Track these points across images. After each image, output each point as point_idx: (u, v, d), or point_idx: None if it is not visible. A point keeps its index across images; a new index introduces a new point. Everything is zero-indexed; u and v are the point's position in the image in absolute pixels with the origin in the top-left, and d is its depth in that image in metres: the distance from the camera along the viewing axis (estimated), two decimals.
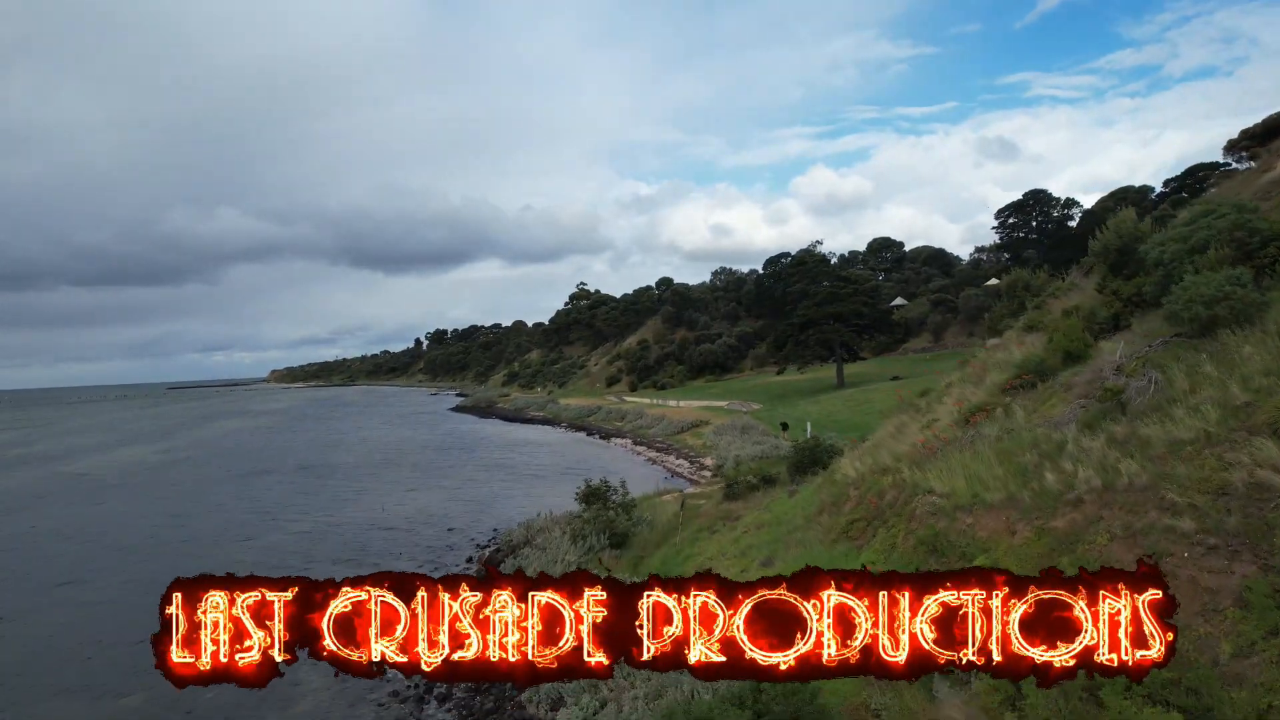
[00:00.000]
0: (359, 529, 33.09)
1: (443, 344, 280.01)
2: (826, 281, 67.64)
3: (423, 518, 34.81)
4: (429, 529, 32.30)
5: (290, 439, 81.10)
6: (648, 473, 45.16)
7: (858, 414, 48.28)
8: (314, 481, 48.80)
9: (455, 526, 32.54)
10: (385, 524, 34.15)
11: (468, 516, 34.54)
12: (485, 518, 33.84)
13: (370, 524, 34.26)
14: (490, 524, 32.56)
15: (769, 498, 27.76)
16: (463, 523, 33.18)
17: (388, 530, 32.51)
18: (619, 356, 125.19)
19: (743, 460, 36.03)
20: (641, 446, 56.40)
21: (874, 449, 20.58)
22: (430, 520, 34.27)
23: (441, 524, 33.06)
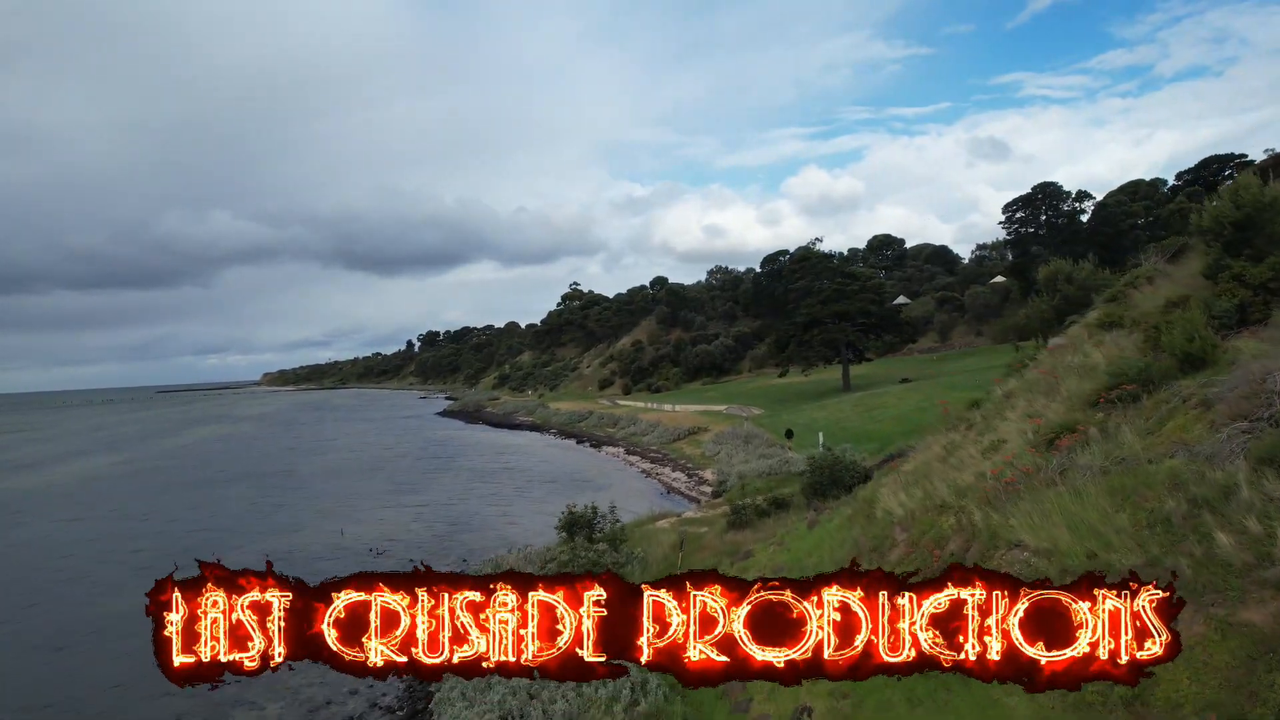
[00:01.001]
0: (309, 558, 28.92)
1: (435, 346, 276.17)
2: (831, 278, 63.55)
3: (384, 544, 30.66)
4: (387, 559, 28.15)
5: (264, 447, 76.77)
6: (641, 487, 41.10)
7: (870, 421, 44.27)
8: (276, 497, 44.61)
9: (418, 556, 28.35)
10: (340, 551, 30.05)
11: (434, 543, 30.40)
12: (454, 545, 29.68)
13: (324, 551, 30.14)
14: (459, 553, 28.43)
15: (782, 526, 23.70)
16: (427, 551, 29.04)
17: (338, 559, 28.39)
18: (612, 358, 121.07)
19: (747, 477, 31.99)
20: (635, 456, 52.30)
21: (921, 476, 16.52)
22: (392, 546, 30.15)
23: (403, 552, 28.92)
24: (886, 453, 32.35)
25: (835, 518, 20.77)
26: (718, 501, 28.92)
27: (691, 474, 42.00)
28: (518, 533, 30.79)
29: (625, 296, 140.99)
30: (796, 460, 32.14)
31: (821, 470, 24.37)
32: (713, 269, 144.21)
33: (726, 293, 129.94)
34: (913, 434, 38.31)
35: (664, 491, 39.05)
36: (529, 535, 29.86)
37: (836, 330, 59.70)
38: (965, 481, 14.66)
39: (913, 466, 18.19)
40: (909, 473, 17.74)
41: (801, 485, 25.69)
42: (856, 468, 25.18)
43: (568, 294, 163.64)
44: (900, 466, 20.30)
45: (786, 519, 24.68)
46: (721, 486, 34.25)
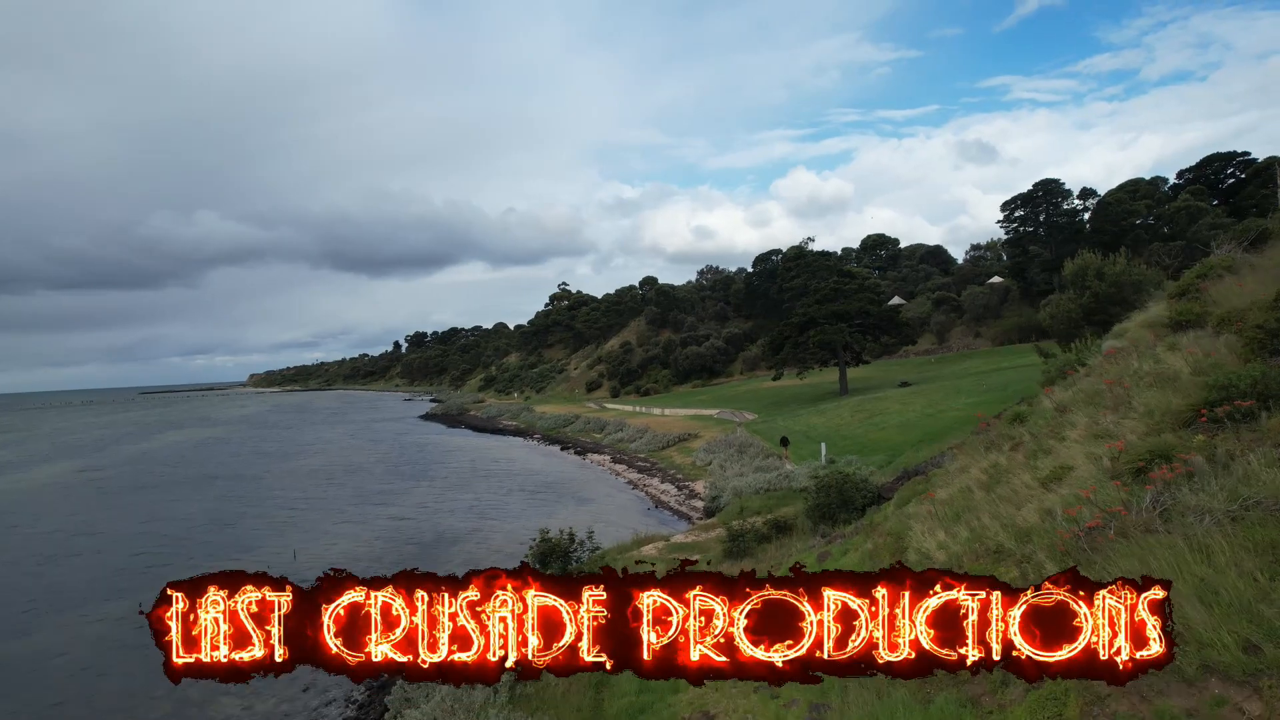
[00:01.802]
0: None
1: (422, 347, 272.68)
2: (828, 277, 60.67)
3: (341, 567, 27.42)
4: None
5: (234, 453, 73.22)
6: (627, 501, 38.07)
7: (872, 428, 41.38)
8: (233, 509, 41.33)
9: None
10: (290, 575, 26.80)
11: (395, 568, 27.17)
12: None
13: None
14: None
15: (786, 554, 20.71)
16: None
17: None
18: (600, 360, 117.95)
19: (743, 494, 28.97)
20: (621, 465, 49.24)
21: (963, 510, 13.51)
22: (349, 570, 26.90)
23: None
24: (898, 466, 29.45)
25: (850, 549, 17.81)
26: (711, 522, 25.89)
27: (681, 486, 38.98)
28: (489, 555, 27.70)
29: (614, 297, 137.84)
30: (797, 474, 29.17)
31: (829, 490, 21.41)
32: (703, 269, 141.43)
33: (717, 293, 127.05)
34: (922, 444, 35.43)
35: (651, 506, 36.02)
36: (501, 558, 26.76)
37: (833, 331, 56.81)
38: (1027, 521, 11.64)
39: (948, 495, 15.19)
40: (945, 503, 14.71)
41: (805, 506, 22.72)
42: (867, 487, 22.26)
43: (555, 294, 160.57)
44: (927, 490, 17.33)
45: (790, 544, 21.71)
46: (714, 503, 31.24)
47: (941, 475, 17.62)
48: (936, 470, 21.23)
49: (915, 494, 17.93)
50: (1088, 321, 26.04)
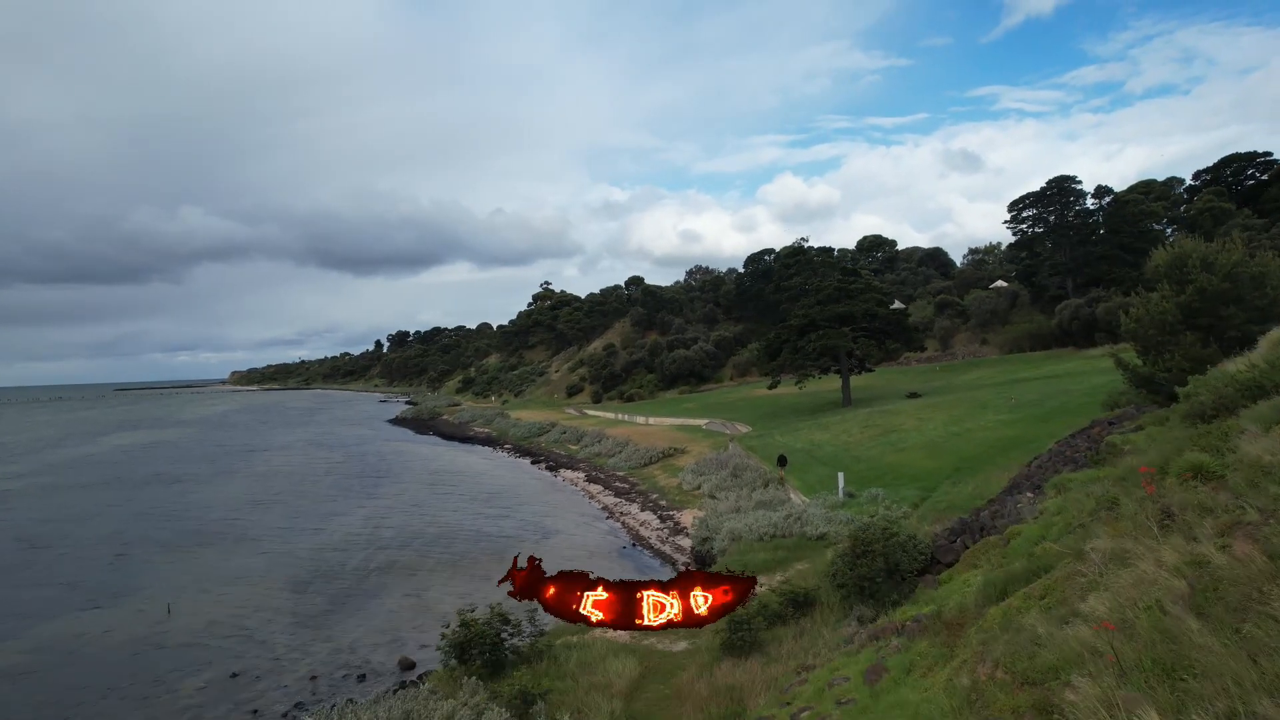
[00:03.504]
0: (89, 663, 19.32)
1: (404, 347, 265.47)
2: (831, 276, 54.63)
3: (212, 639, 21.11)
4: (192, 675, 18.65)
5: (175, 461, 66.28)
6: (599, 535, 31.85)
7: (889, 449, 35.34)
8: (135, 533, 34.90)
9: (243, 670, 18.75)
10: (145, 647, 20.45)
11: (287, 643, 20.76)
12: (300, 659, 19.94)
13: (122, 647, 20.52)
14: (300, 674, 18.82)
15: (813, 653, 14.58)
16: (260, 663, 19.41)
17: (124, 668, 18.82)
18: (582, 363, 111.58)
19: (742, 538, 22.77)
20: (597, 485, 42.95)
21: (1170, 661, 7.40)
22: (217, 645, 20.59)
23: (225, 661, 19.38)
24: (939, 507, 23.30)
25: (915, 661, 11.60)
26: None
27: (665, 516, 32.76)
28: (415, 620, 21.44)
29: (598, 297, 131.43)
30: (811, 515, 23.03)
31: (870, 554, 15.26)
32: (692, 268, 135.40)
33: (707, 294, 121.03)
34: (959, 473, 29.32)
35: (628, 543, 29.78)
36: (420, 630, 20.54)
37: (836, 335, 50.85)
38: None
39: (1109, 607, 9.02)
40: (1109, 619, 8.54)
41: (831, 567, 16.55)
42: (918, 548, 16.14)
43: (538, 294, 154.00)
44: (1029, 566, 11.19)
45: (815, 631, 15.53)
46: (705, 546, 25.06)
47: (1061, 560, 11.48)
48: (1019, 529, 15.20)
49: (1008, 576, 11.77)
50: (1189, 326, 20.28)
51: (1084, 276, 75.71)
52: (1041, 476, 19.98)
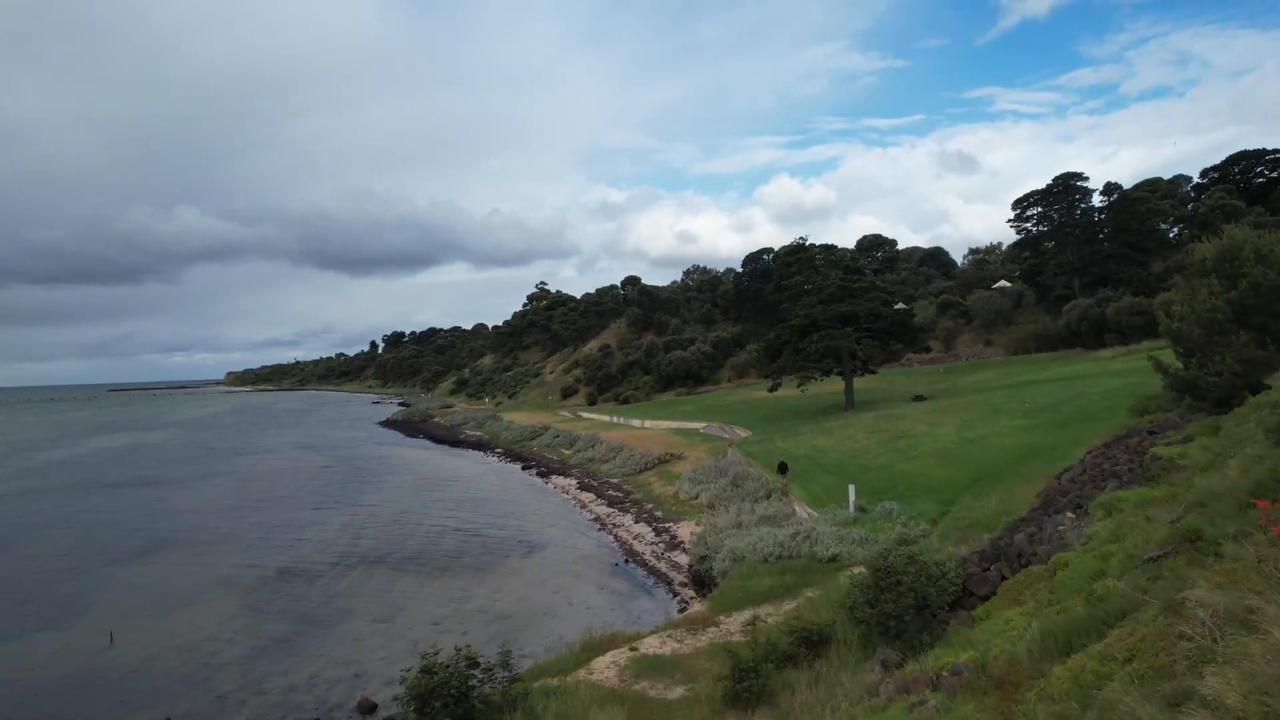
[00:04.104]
0: (12, 705, 17.20)
1: (399, 347, 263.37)
2: (833, 274, 52.56)
3: (153, 674, 18.99)
4: (140, 710, 16.56)
5: (155, 465, 64.03)
6: (589, 548, 29.74)
7: (900, 457, 33.28)
8: (91, 550, 32.66)
9: (180, 716, 16.62)
10: (80, 684, 18.32)
11: (236, 678, 18.62)
12: (248, 699, 17.77)
13: (54, 686, 18.38)
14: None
15: (822, 700, 12.57)
16: (201, 706, 17.28)
17: (51, 709, 16.71)
18: (577, 364, 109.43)
19: (745, 558, 20.68)
20: (589, 494, 40.85)
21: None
22: (158, 682, 18.47)
23: (163, 702, 17.28)
24: (961, 524, 21.20)
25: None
26: (699, 613, 17.58)
27: (661, 529, 30.67)
28: (371, 656, 19.30)
29: (594, 297, 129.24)
30: (820, 532, 20.94)
31: (895, 588, 13.19)
32: (689, 268, 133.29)
33: (704, 294, 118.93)
34: (978, 484, 27.24)
35: (620, 559, 27.67)
36: (387, 661, 18.44)
37: (839, 336, 48.79)
38: None
39: (1239, 701, 7.01)
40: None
41: (851, 606, 14.48)
42: (949, 580, 14.08)
43: (533, 294, 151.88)
44: (1084, 612, 9.15)
45: (831, 677, 13.47)
46: (703, 565, 22.99)
47: (1139, 608, 9.46)
48: (1066, 558, 13.16)
49: (1070, 625, 9.71)
50: (1242, 325, 18.27)
51: (1091, 276, 73.77)
52: (1080, 493, 17.99)
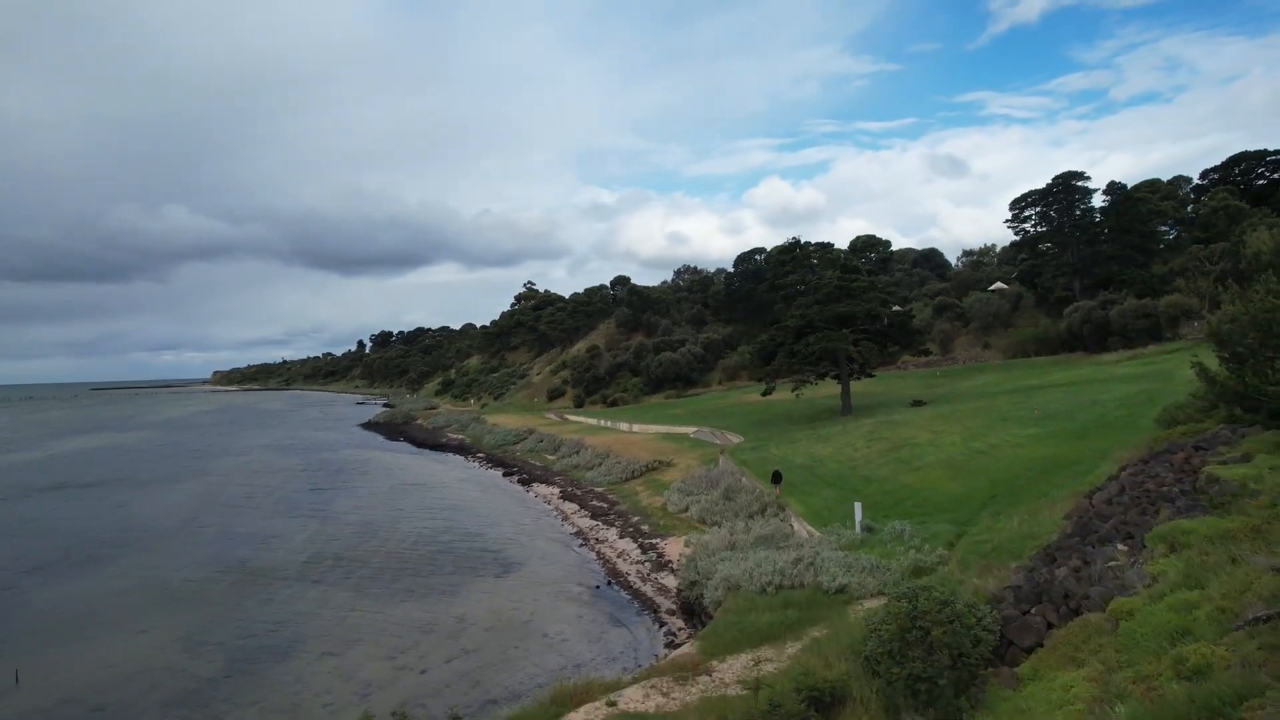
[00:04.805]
0: None
1: (386, 347, 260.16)
2: (826, 273, 50.29)
3: (67, 712, 16.43)
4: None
5: (120, 469, 61.18)
6: (569, 567, 27.32)
7: (902, 467, 31.00)
8: (30, 567, 30.01)
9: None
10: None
11: None
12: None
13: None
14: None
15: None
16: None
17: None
18: (565, 365, 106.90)
19: (740, 587, 18.30)
20: (572, 504, 38.40)
21: None
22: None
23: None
24: (982, 549, 18.83)
25: None
26: (688, 655, 15.19)
27: (647, 546, 28.28)
28: (312, 704, 16.84)
29: (582, 297, 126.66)
30: (824, 557, 18.59)
31: (928, 643, 10.87)
32: (680, 268, 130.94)
33: (695, 294, 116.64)
34: (995, 500, 24.94)
35: (603, 580, 25.25)
36: (331, 712, 16.00)
37: (836, 338, 46.54)
38: None
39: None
40: None
41: (869, 656, 12.16)
42: (985, 626, 11.77)
43: (521, 294, 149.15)
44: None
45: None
46: (693, 592, 20.61)
47: (1264, 690, 7.17)
48: (1128, 605, 10.89)
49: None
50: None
51: (1092, 278, 71.87)
52: (1124, 518, 15.74)
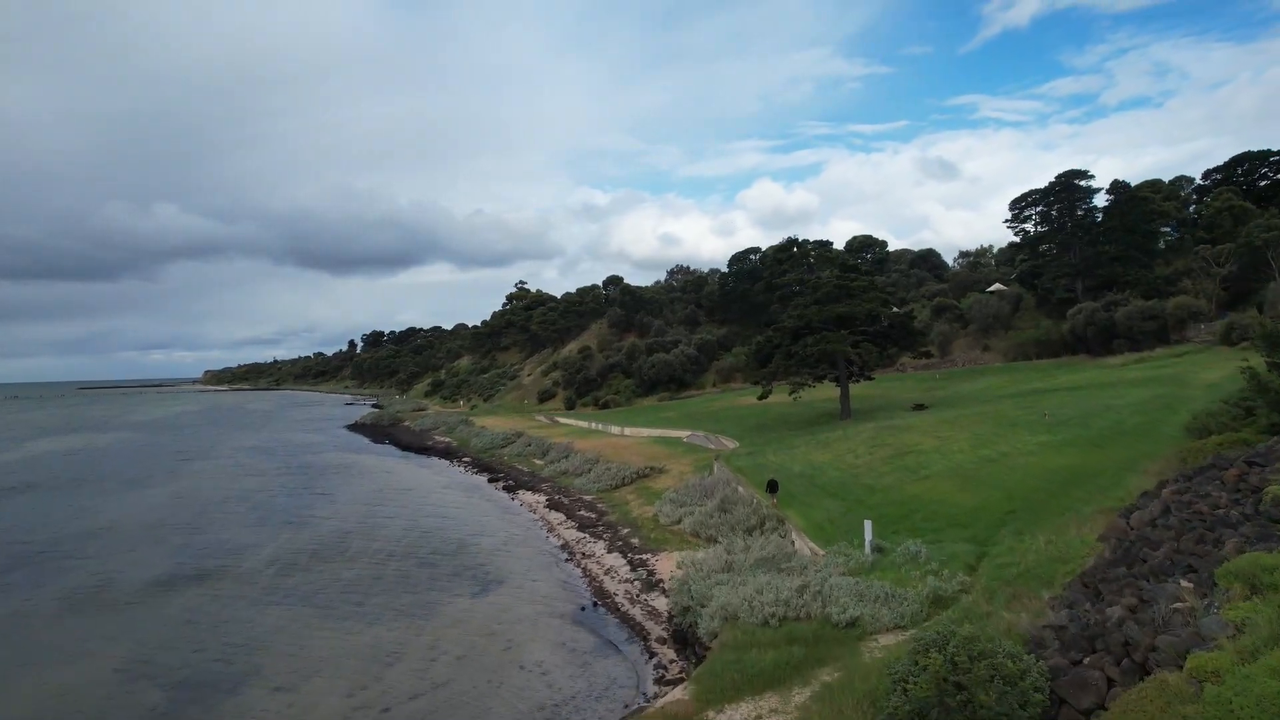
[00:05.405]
0: None
1: (378, 347, 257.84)
2: (824, 272, 48.43)
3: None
4: None
5: (97, 469, 58.87)
6: (553, 583, 25.34)
7: (908, 476, 29.13)
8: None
9: None
10: None
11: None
12: None
13: None
14: None
15: None
16: None
17: None
18: (556, 366, 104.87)
19: (739, 619, 16.36)
20: (558, 513, 36.41)
21: None
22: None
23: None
24: (1006, 573, 16.86)
25: None
26: (679, 708, 13.24)
27: (637, 562, 26.32)
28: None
29: (574, 296, 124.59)
30: (834, 584, 16.68)
31: (971, 709, 8.96)
32: (673, 268, 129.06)
33: (689, 294, 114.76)
34: (1015, 516, 23.04)
35: (588, 600, 23.29)
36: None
37: (835, 339, 44.69)
38: None
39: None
40: None
41: (892, 711, 10.27)
42: (1033, 682, 9.86)
43: (512, 293, 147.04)
44: None
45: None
46: (687, 620, 18.66)
47: None
48: (1212, 662, 9.03)
49: None
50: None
51: (1094, 279, 70.27)
52: (1178, 546, 13.81)
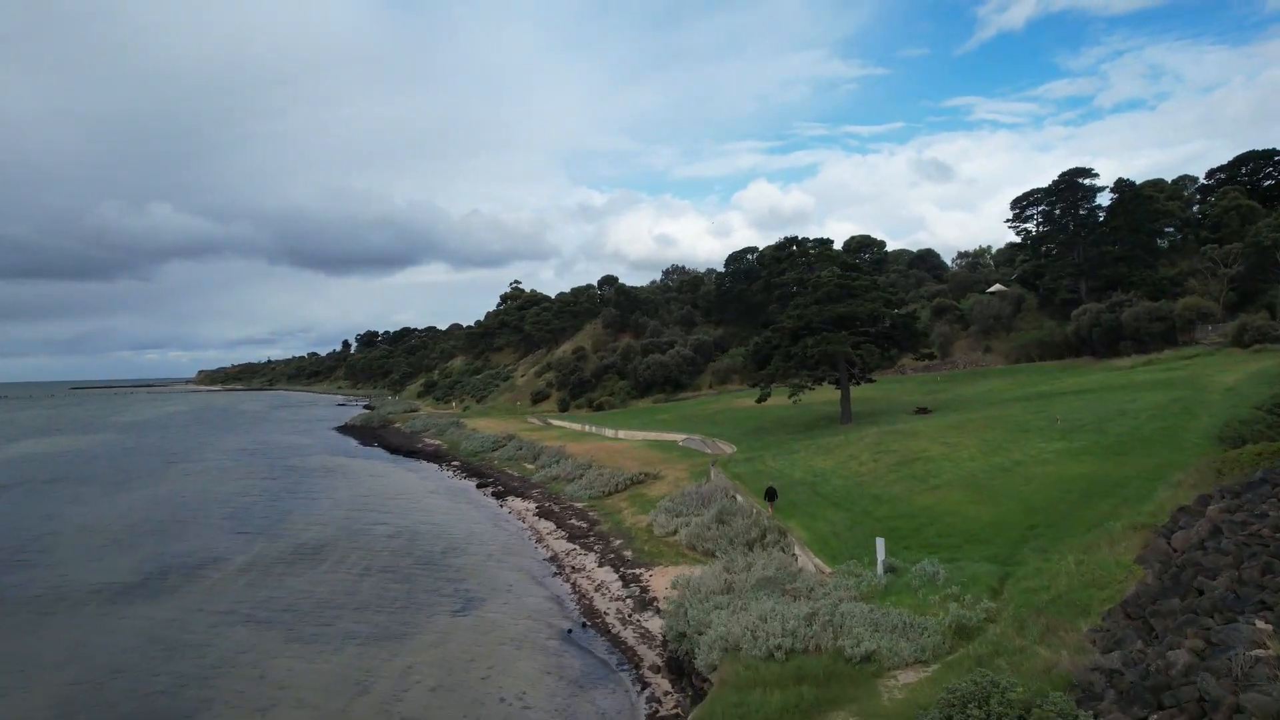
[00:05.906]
0: None
1: (372, 347, 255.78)
2: (824, 270, 46.98)
3: None
4: None
5: (75, 472, 57.09)
6: (540, 600, 23.77)
7: (916, 486, 27.61)
8: None
9: None
10: None
11: None
12: None
13: None
14: None
15: None
16: None
17: None
18: (549, 367, 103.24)
19: (741, 650, 14.81)
20: (548, 522, 34.83)
21: None
22: None
23: None
24: (1032, 601, 15.38)
25: None
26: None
27: (630, 577, 24.75)
28: None
29: (568, 296, 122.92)
30: (847, 612, 15.15)
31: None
32: (669, 268, 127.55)
33: (685, 295, 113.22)
34: (1037, 532, 21.39)
35: (576, 621, 21.71)
36: None
37: (836, 340, 43.20)
38: None
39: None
40: None
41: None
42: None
43: (506, 293, 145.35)
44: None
45: None
46: (683, 647, 17.10)
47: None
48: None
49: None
50: None
51: (1099, 279, 68.94)
52: (1237, 574, 12.31)
